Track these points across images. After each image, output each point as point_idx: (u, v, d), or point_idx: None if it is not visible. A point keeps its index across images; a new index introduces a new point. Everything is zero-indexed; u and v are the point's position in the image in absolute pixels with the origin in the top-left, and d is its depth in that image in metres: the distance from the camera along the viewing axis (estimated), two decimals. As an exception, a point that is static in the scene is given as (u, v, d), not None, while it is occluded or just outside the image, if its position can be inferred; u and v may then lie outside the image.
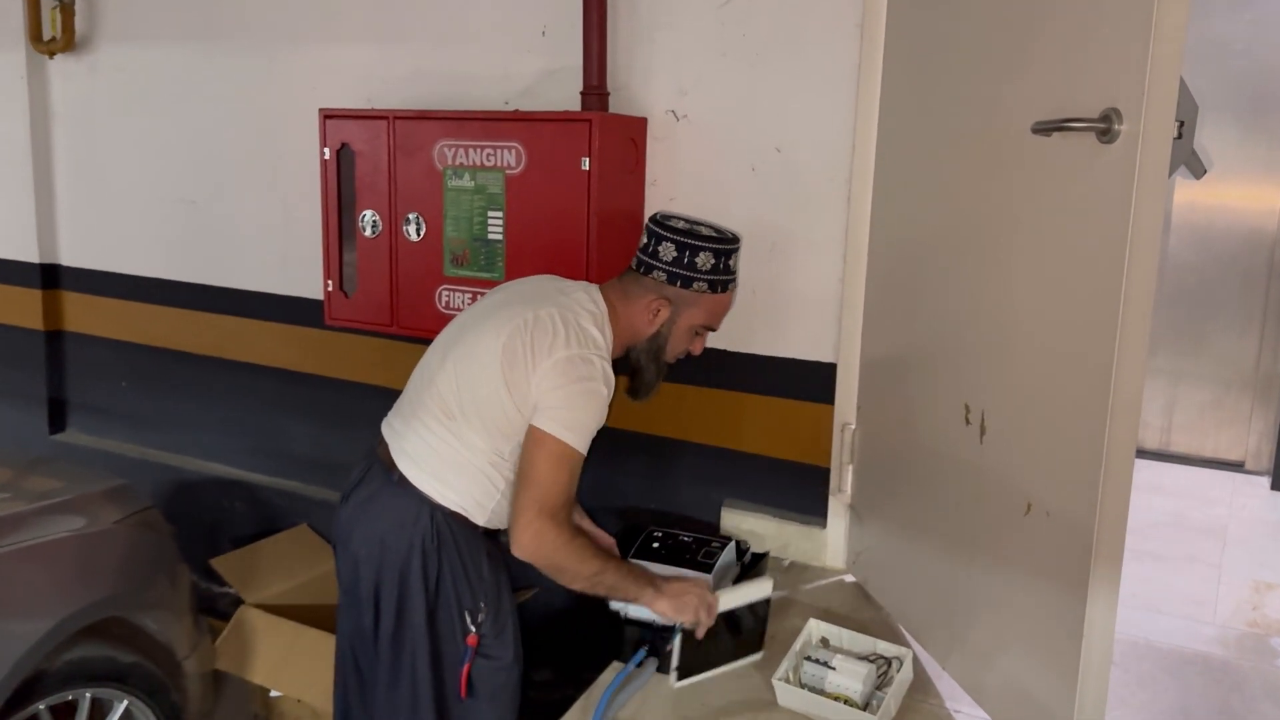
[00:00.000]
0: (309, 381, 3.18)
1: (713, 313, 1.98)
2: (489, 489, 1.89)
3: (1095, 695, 1.51)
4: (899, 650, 1.89)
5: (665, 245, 1.91)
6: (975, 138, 1.76)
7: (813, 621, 1.96)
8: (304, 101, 2.92)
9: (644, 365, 1.99)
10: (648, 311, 1.93)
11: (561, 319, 1.83)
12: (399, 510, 1.90)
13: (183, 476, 3.49)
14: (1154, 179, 1.37)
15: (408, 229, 2.59)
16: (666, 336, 1.96)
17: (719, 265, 1.92)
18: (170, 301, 3.41)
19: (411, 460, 1.91)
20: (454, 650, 1.94)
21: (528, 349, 1.80)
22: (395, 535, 1.89)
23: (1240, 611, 2.32)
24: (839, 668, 1.82)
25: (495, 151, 2.42)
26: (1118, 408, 1.43)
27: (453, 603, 1.92)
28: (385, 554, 1.91)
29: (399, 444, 1.94)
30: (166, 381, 3.50)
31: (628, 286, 1.95)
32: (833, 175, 2.27)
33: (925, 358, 2.00)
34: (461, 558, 1.91)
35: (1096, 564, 1.47)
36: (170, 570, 2.50)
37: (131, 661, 2.27)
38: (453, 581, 1.91)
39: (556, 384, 1.78)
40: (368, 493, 1.97)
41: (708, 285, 1.92)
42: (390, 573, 1.91)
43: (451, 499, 1.89)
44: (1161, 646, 2.10)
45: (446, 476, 1.88)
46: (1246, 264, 3.57)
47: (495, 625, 1.97)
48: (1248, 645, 2.13)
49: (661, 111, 2.45)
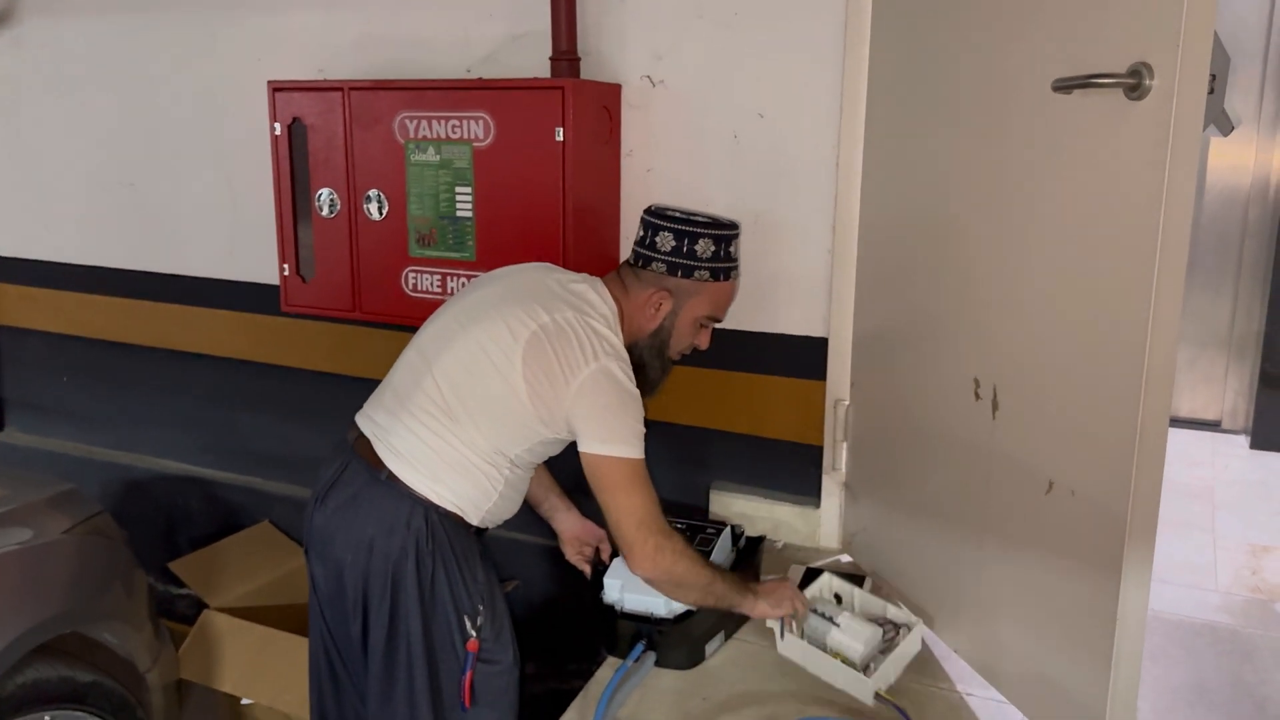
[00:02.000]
0: (266, 372, 3.02)
1: (716, 302, 1.89)
2: (487, 488, 1.80)
3: (1128, 680, 1.45)
4: (909, 618, 1.86)
5: (663, 235, 1.82)
6: (983, 96, 1.67)
7: (828, 575, 1.95)
8: (250, 74, 2.75)
9: (648, 362, 1.89)
10: (649, 306, 1.84)
11: (581, 325, 1.75)
12: (389, 511, 1.78)
13: (133, 475, 3.33)
14: (1188, 137, 1.29)
15: (368, 208, 2.44)
16: (670, 330, 1.88)
17: (720, 252, 1.83)
18: (112, 291, 3.23)
19: (401, 458, 1.78)
20: (451, 657, 1.83)
21: (555, 361, 1.72)
22: (385, 538, 1.77)
23: (1240, 577, 2.29)
24: (843, 625, 1.81)
25: (461, 123, 2.28)
26: (1152, 378, 1.35)
27: (449, 607, 1.81)
28: (373, 558, 1.78)
29: (386, 440, 1.81)
30: (111, 375, 3.33)
31: (627, 281, 1.86)
32: (819, 141, 2.17)
33: (926, 331, 1.91)
34: (457, 559, 1.80)
35: (1130, 544, 1.40)
36: (126, 578, 2.36)
37: (90, 680, 2.13)
38: (449, 585, 1.80)
39: (594, 402, 1.72)
40: (349, 493, 1.83)
41: (709, 273, 1.84)
42: (379, 578, 1.78)
43: (447, 498, 1.78)
44: (1169, 618, 2.06)
45: (443, 475, 1.78)
46: (1221, 224, 3.55)
47: (493, 628, 1.87)
48: (1253, 612, 2.10)
49: (636, 77, 2.32)
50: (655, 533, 1.72)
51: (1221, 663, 1.91)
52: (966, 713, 1.72)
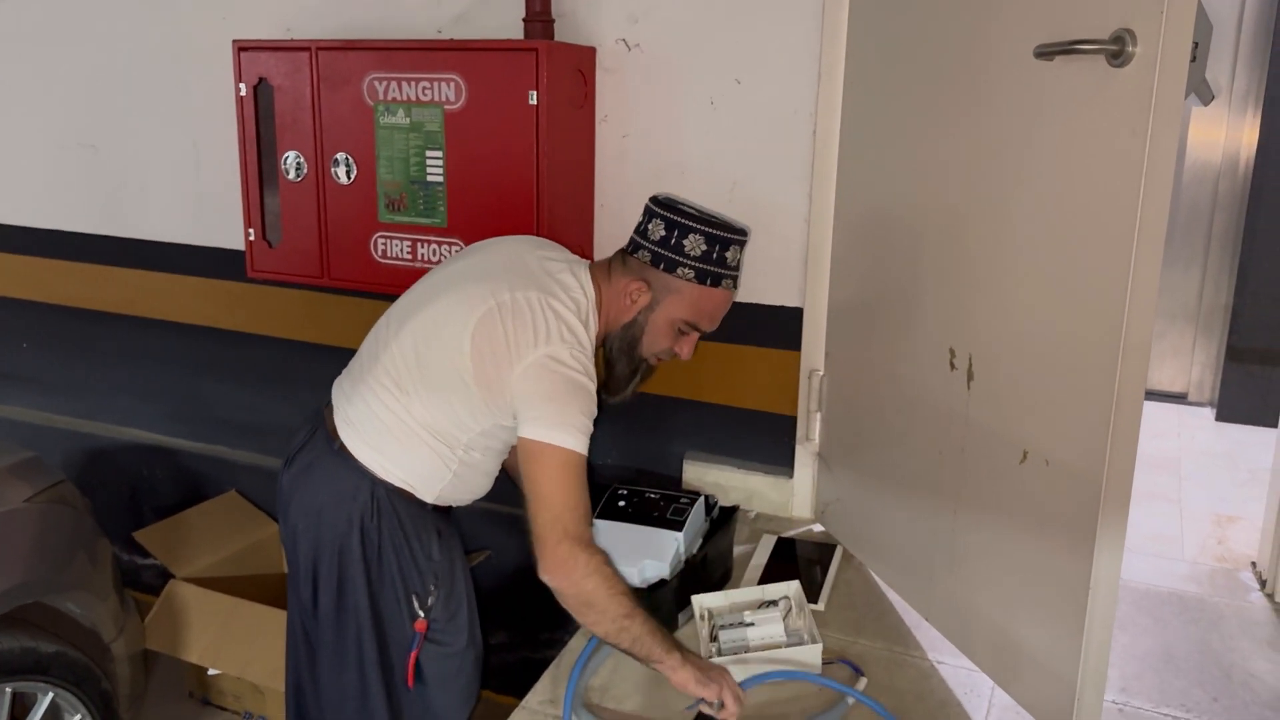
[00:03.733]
0: (232, 339, 2.97)
1: (699, 309, 1.77)
2: (438, 466, 1.74)
3: (1099, 648, 1.45)
4: (784, 588, 1.83)
5: (655, 222, 1.73)
6: (964, 64, 1.65)
7: (694, 600, 1.82)
8: (215, 33, 2.67)
9: (615, 357, 1.81)
10: (625, 295, 1.74)
11: (541, 306, 1.64)
12: (338, 482, 1.75)
13: (96, 444, 3.27)
14: (1170, 105, 1.28)
15: (336, 171, 2.39)
16: (643, 327, 1.77)
17: (711, 253, 1.72)
18: (73, 255, 3.16)
19: (354, 429, 1.75)
20: (401, 635, 1.80)
21: (504, 341, 1.62)
22: (333, 509, 1.75)
23: (1207, 546, 2.32)
24: (756, 622, 1.74)
25: (432, 85, 2.23)
26: (1129, 347, 1.35)
27: (398, 585, 1.78)
28: (322, 528, 1.76)
29: (344, 409, 1.78)
30: (73, 342, 3.26)
31: (614, 267, 1.77)
32: (797, 109, 2.14)
33: (902, 301, 1.90)
34: (406, 537, 1.76)
35: (1104, 513, 1.40)
36: (89, 547, 2.33)
37: (54, 650, 2.10)
38: (397, 563, 1.77)
39: (537, 386, 1.61)
40: (308, 459, 1.82)
41: (694, 274, 1.73)
42: (328, 550, 1.76)
43: (395, 474, 1.74)
44: (1136, 587, 2.08)
45: (390, 450, 1.73)
46: (1191, 197, 3.56)
47: (447, 609, 1.84)
48: (1219, 581, 2.13)
49: (611, 40, 2.28)
50: (571, 539, 1.56)
51: (1188, 631, 1.93)
52: (937, 681, 1.73)
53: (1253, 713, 1.66)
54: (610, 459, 2.52)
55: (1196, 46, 1.36)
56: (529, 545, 1.62)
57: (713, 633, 1.76)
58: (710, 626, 1.78)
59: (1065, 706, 1.49)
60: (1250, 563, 2.21)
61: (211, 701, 2.86)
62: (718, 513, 2.09)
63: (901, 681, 1.72)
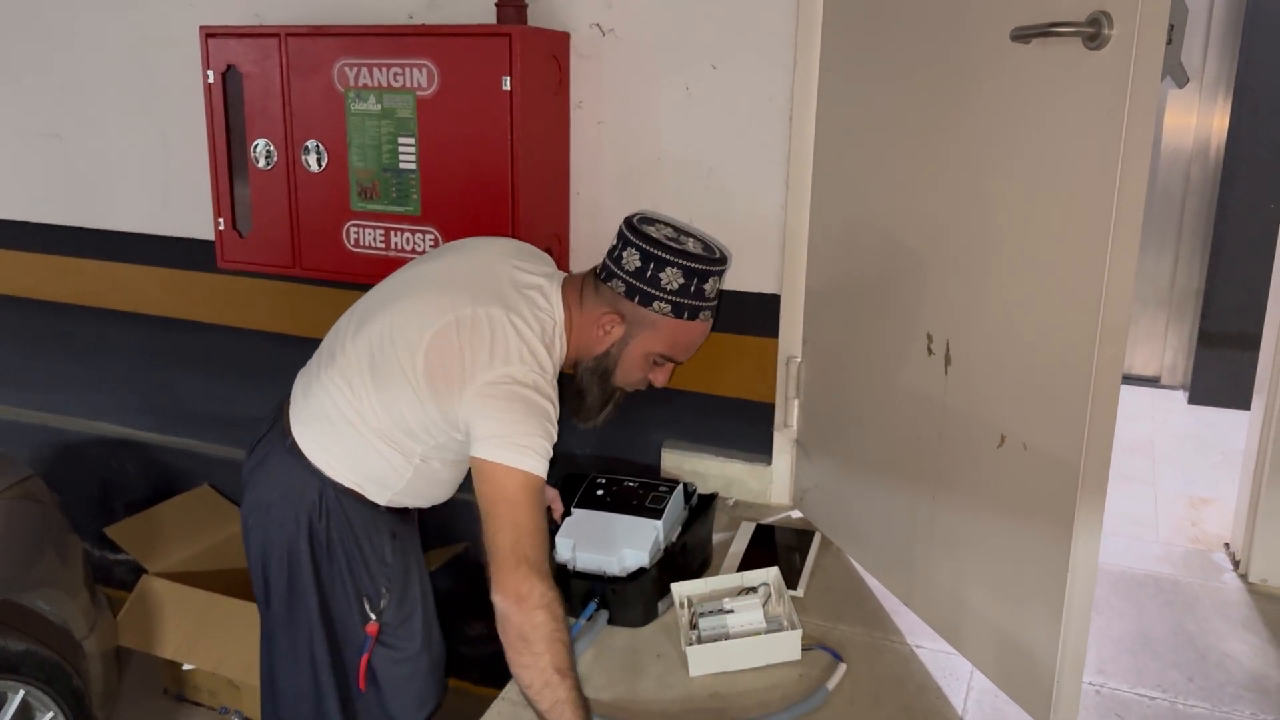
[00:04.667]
0: (203, 331, 2.93)
1: (675, 342, 1.72)
2: (389, 472, 1.70)
3: (1078, 631, 1.46)
4: (764, 574, 1.83)
5: (630, 251, 1.65)
6: (941, 48, 1.64)
7: (674, 588, 1.82)
8: (182, 19, 2.62)
9: (586, 386, 1.76)
10: (598, 327, 1.68)
11: (503, 325, 1.58)
12: (287, 480, 1.71)
13: (64, 438, 3.22)
14: (1146, 88, 1.28)
15: (307, 159, 2.35)
16: (616, 360, 1.72)
17: (689, 287, 1.66)
18: (38, 247, 3.10)
19: (305, 427, 1.71)
20: (354, 637, 1.78)
21: (457, 358, 1.56)
22: (280, 507, 1.72)
23: (1181, 528, 2.33)
24: (735, 609, 1.74)
25: (404, 71, 2.20)
26: (1106, 332, 1.35)
27: (349, 588, 1.75)
28: (270, 526, 1.73)
29: (298, 405, 1.74)
30: (39, 335, 3.20)
31: (586, 292, 1.71)
32: (773, 94, 2.13)
33: (879, 287, 1.90)
34: (357, 539, 1.73)
35: (1082, 496, 1.40)
36: (59, 543, 2.29)
37: (23, 649, 2.07)
38: (348, 565, 1.74)
39: (491, 406, 1.54)
40: (263, 453, 1.79)
41: (671, 309, 1.67)
42: (277, 548, 1.73)
43: (345, 474, 1.70)
44: (1112, 569, 2.09)
45: (339, 451, 1.69)
46: (1164, 182, 3.58)
47: (400, 613, 1.82)
48: (1194, 563, 2.14)
49: (585, 25, 2.26)
50: (530, 565, 1.49)
51: (1164, 612, 1.94)
52: (917, 665, 1.73)
53: (1228, 692, 1.68)
54: (588, 448, 2.51)
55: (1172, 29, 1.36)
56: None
57: (693, 620, 1.75)
58: (690, 614, 1.77)
59: (1044, 689, 1.49)
60: (1224, 544, 2.23)
61: (187, 697, 2.83)
62: (696, 500, 2.09)
63: (881, 666, 1.72)
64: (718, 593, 1.84)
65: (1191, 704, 1.65)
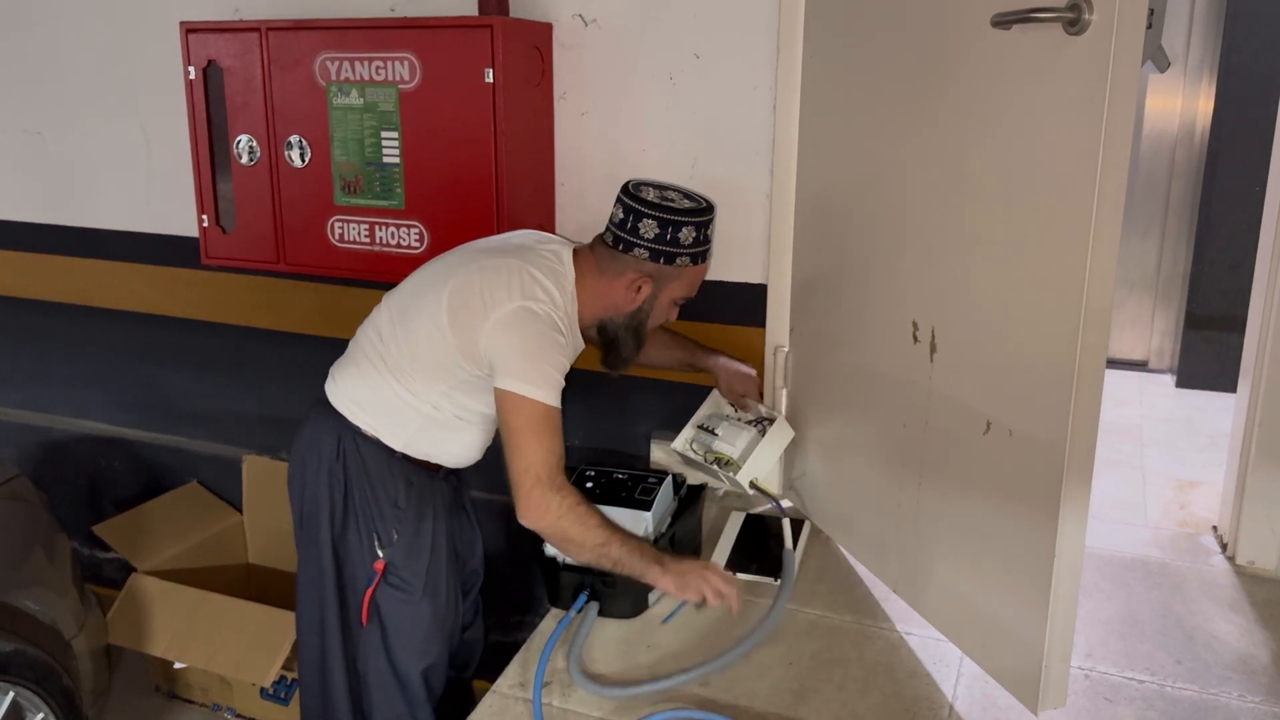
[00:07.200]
0: (188, 327, 2.92)
1: (692, 284, 1.93)
2: (406, 414, 1.86)
3: (1065, 615, 1.46)
4: (771, 412, 2.13)
5: (646, 222, 1.81)
6: (922, 34, 1.64)
7: (714, 394, 2.15)
8: (162, 14, 2.61)
9: (622, 339, 1.92)
10: (629, 289, 1.85)
11: (519, 269, 1.77)
12: (316, 430, 1.92)
13: (51, 437, 3.21)
14: (1126, 73, 1.27)
15: (290, 154, 2.34)
16: (648, 311, 1.90)
17: (700, 237, 1.84)
18: (20, 245, 3.08)
19: (334, 381, 1.93)
20: (362, 575, 1.93)
21: (478, 295, 1.74)
22: (311, 454, 1.91)
23: (1169, 512, 2.34)
24: (722, 434, 2.11)
25: (386, 64, 2.19)
26: (1090, 318, 1.35)
27: (361, 526, 1.90)
28: (305, 475, 1.92)
29: (334, 366, 1.95)
30: (23, 334, 3.19)
31: (602, 262, 1.85)
32: (757, 82, 2.12)
33: (864, 275, 1.90)
34: (370, 481, 1.89)
35: (1068, 482, 1.41)
36: (46, 542, 2.29)
37: (12, 649, 2.06)
38: (362, 505, 1.89)
39: (509, 338, 1.72)
40: (304, 417, 1.98)
41: (690, 259, 1.85)
42: (310, 491, 1.92)
43: (363, 419, 1.88)
44: (1100, 553, 2.10)
45: (360, 392, 1.88)
46: (1148, 166, 3.59)
47: (408, 556, 1.93)
48: (1182, 546, 2.15)
49: (568, 16, 2.25)
50: (543, 484, 1.70)
51: (1152, 595, 1.95)
52: (906, 652, 1.74)
53: (1215, 674, 1.69)
54: (577, 440, 2.51)
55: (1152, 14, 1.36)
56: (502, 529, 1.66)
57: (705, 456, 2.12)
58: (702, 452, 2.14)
59: (1033, 673, 1.50)
60: (1211, 527, 2.24)
61: (178, 695, 2.83)
62: (686, 491, 2.09)
63: (871, 653, 1.73)
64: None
65: (1180, 686, 1.66)
